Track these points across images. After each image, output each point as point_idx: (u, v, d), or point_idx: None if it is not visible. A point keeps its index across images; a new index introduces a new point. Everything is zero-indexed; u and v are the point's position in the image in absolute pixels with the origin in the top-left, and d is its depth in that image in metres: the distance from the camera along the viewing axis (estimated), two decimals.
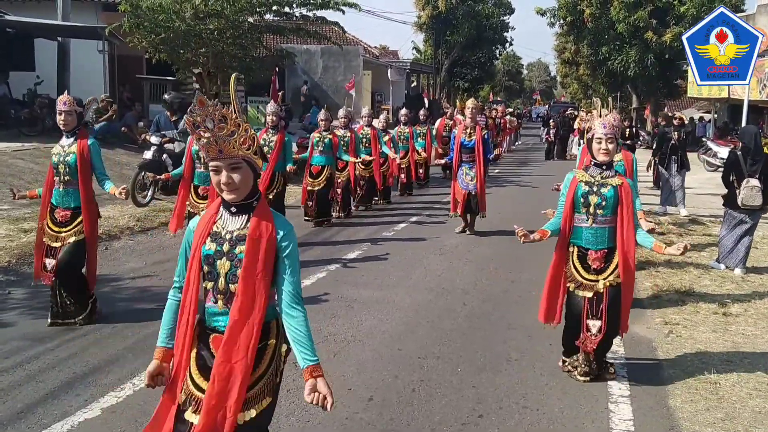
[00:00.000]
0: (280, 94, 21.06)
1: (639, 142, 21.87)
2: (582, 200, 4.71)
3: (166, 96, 14.18)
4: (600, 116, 4.94)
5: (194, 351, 2.78)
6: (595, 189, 4.69)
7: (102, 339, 5.52)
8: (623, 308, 4.75)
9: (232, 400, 2.59)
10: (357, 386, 4.71)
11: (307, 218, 10.62)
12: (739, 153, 8.00)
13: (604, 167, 4.73)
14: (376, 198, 13.11)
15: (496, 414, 4.37)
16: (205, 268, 2.72)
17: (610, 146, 4.64)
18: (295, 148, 9.96)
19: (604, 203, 4.66)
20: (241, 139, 2.62)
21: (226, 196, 2.67)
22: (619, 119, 4.91)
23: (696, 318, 6.36)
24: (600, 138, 4.65)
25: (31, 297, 6.49)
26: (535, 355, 5.40)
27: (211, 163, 2.64)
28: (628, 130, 16.37)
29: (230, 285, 2.70)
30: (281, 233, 2.72)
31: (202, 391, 2.69)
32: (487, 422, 4.25)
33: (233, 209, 2.73)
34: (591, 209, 4.70)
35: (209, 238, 2.73)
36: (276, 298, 2.79)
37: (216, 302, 2.73)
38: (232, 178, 2.62)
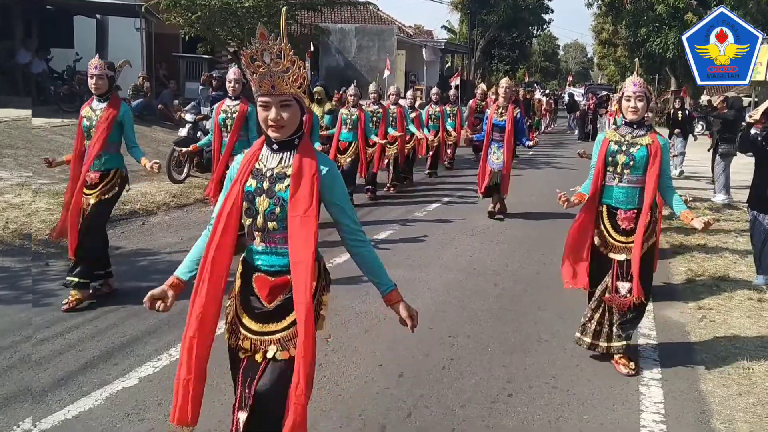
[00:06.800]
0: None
1: (700, 130, 20.48)
2: (610, 159, 4.71)
3: (214, 73, 14.58)
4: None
5: (238, 291, 2.83)
6: (623, 148, 4.68)
7: (140, 311, 5.62)
8: (638, 275, 4.60)
9: (300, 340, 2.60)
10: (388, 363, 4.77)
11: None
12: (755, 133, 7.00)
13: (635, 126, 4.70)
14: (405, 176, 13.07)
15: (525, 393, 4.39)
16: (245, 205, 2.72)
17: (639, 104, 4.62)
18: (323, 122, 9.97)
19: (632, 163, 4.63)
20: (294, 77, 2.60)
21: (272, 134, 2.68)
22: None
23: (730, 303, 6.29)
24: (629, 96, 4.64)
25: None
26: (566, 336, 5.39)
27: (260, 99, 2.62)
28: (680, 113, 15.79)
29: (268, 223, 2.70)
30: (324, 170, 2.71)
31: (247, 330, 2.77)
32: (516, 401, 4.28)
33: (275, 146, 2.73)
34: (618, 168, 4.69)
35: (251, 175, 2.73)
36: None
37: (254, 239, 2.75)
38: (281, 116, 2.63)
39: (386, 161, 12.11)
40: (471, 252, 8.07)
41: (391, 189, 12.24)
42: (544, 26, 47.64)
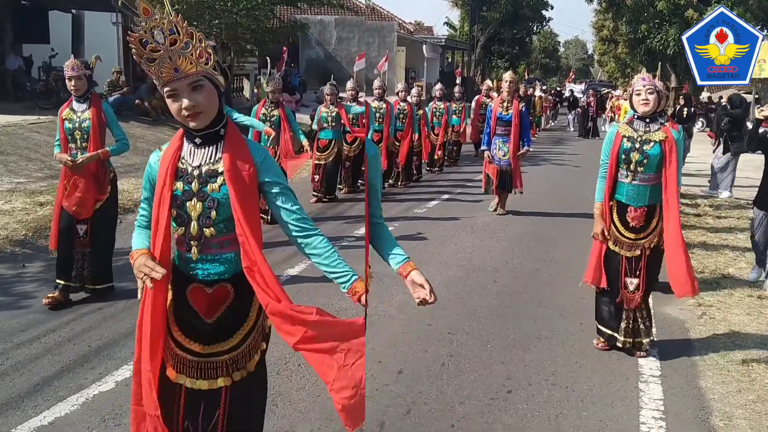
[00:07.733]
0: (282, 66, 19.90)
1: (700, 127, 20.57)
2: (624, 157, 4.68)
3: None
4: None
5: (170, 306, 2.48)
6: (637, 146, 4.64)
7: (116, 313, 5.57)
8: (687, 268, 4.52)
9: (299, 329, 2.33)
10: (387, 359, 4.76)
11: (315, 193, 10.48)
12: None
13: (647, 120, 4.68)
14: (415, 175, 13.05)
15: (525, 390, 4.39)
16: (174, 212, 2.39)
17: (650, 96, 4.58)
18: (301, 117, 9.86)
19: (645, 161, 4.61)
20: (197, 52, 2.26)
21: (191, 124, 2.33)
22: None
23: (730, 300, 6.29)
24: (639, 90, 4.62)
25: (47, 270, 6.44)
26: (565, 333, 5.40)
27: (166, 89, 2.28)
28: (685, 110, 15.81)
29: (204, 229, 2.38)
30: (259, 160, 2.39)
31: (187, 351, 2.46)
32: (515, 398, 4.28)
33: (198, 140, 2.39)
34: (632, 166, 4.66)
35: (174, 177, 2.39)
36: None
37: (190, 249, 2.41)
38: (196, 100, 2.28)
39: (397, 161, 12.04)
40: (471, 249, 8.06)
41: (399, 184, 12.25)
42: (545, 23, 47.55)
